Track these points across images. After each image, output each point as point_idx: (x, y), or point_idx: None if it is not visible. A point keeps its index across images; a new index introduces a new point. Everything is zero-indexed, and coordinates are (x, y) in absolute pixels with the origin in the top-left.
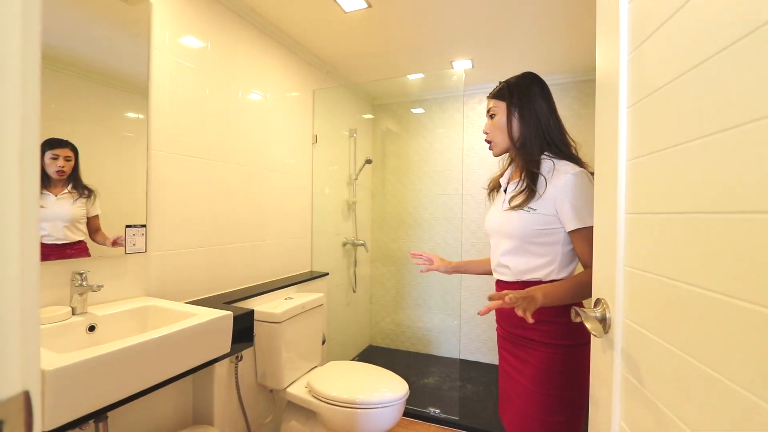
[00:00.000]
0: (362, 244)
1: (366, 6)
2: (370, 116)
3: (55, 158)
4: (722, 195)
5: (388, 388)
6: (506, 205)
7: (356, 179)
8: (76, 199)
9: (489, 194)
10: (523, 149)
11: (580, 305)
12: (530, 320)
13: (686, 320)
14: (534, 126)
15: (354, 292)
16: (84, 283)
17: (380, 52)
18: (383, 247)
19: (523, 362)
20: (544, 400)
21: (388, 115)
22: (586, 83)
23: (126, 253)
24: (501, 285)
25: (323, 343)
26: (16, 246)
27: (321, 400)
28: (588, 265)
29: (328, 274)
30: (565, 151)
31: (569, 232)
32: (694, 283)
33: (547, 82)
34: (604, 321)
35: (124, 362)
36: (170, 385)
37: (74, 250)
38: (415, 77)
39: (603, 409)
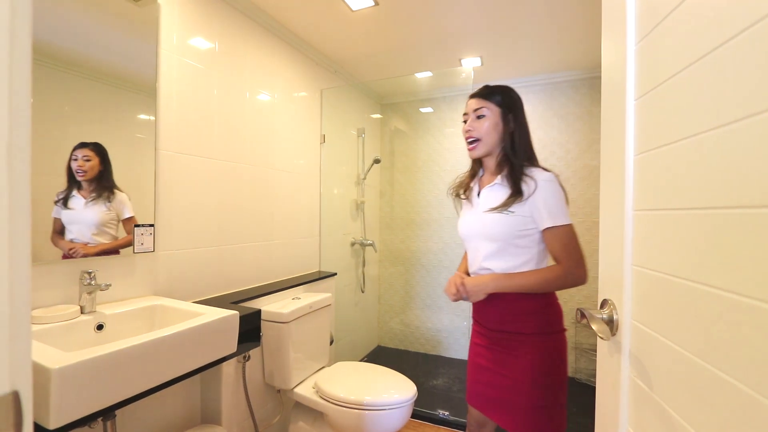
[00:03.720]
0: (371, 244)
1: (373, 4)
2: (378, 116)
3: (75, 159)
4: (738, 189)
5: (397, 390)
6: (485, 208)
7: (365, 179)
8: (103, 203)
9: (455, 198)
10: (514, 154)
11: (552, 296)
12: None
13: (699, 321)
14: (526, 134)
15: (362, 292)
16: (92, 282)
17: (388, 50)
18: (392, 248)
19: (513, 357)
20: (535, 390)
21: (396, 115)
22: (597, 80)
23: (134, 252)
24: None
25: (331, 343)
26: (4, 243)
27: (328, 401)
28: (559, 260)
29: (336, 274)
30: (533, 159)
31: (543, 230)
32: (707, 283)
33: (558, 79)
34: (611, 323)
35: (131, 361)
36: (178, 384)
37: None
38: (423, 75)
39: (609, 415)
